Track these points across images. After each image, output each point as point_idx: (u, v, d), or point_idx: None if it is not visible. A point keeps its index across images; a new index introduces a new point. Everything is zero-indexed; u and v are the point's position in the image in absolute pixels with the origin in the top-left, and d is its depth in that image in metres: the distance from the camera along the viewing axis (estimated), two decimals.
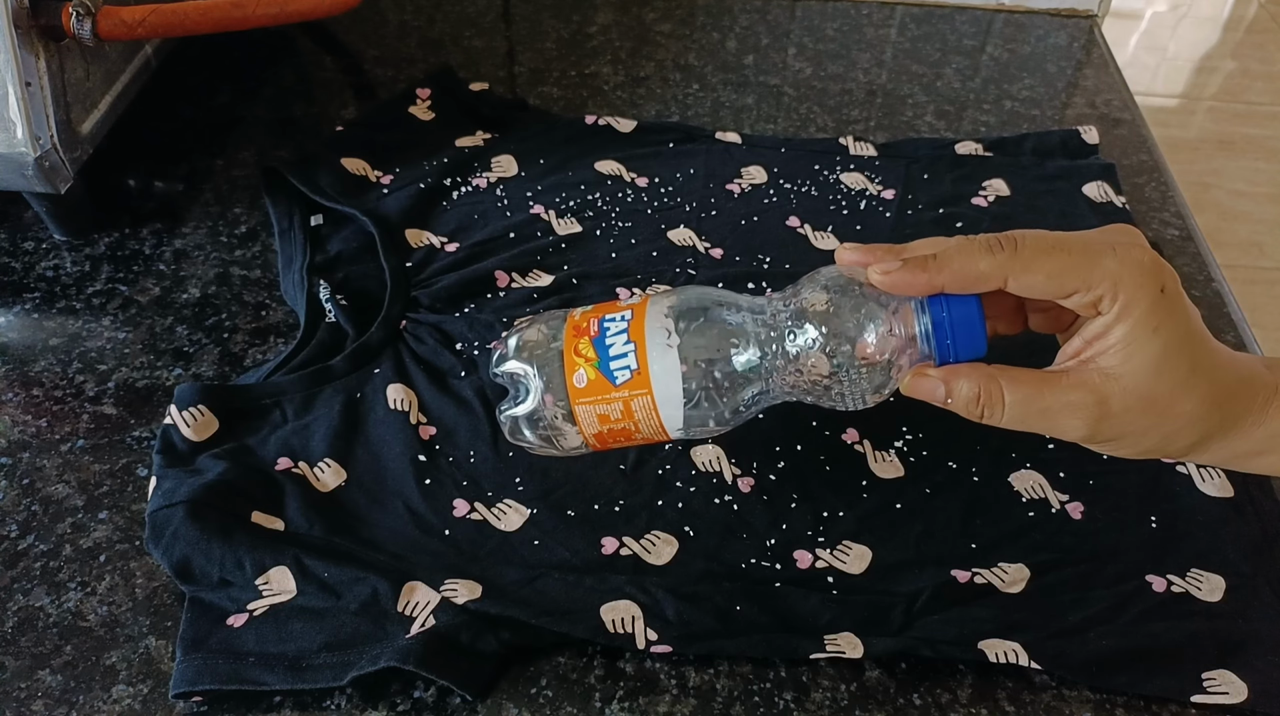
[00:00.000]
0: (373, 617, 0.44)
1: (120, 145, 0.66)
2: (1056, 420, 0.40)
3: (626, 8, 0.90)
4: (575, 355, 0.42)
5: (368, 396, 0.53)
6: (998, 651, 0.44)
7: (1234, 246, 2.06)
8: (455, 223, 0.64)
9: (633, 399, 0.41)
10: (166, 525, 0.45)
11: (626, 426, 0.42)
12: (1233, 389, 0.40)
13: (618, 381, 0.41)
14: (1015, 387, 0.40)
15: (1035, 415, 0.40)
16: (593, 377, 0.41)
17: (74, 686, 0.43)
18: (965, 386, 0.40)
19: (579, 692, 0.43)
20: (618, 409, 0.41)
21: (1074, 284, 0.38)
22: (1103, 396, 0.38)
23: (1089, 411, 0.39)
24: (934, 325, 0.39)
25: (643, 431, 0.42)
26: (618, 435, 0.43)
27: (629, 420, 0.42)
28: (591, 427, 0.42)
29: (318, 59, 0.83)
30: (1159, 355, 0.38)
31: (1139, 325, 0.38)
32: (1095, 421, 0.39)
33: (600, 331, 0.42)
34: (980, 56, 0.86)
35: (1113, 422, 0.39)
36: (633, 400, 0.41)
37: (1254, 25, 2.80)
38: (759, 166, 0.70)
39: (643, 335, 0.42)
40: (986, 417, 0.41)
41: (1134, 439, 0.40)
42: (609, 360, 0.41)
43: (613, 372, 0.41)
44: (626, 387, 0.41)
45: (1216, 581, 0.47)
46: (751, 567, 0.47)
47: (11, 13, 0.54)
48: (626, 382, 0.41)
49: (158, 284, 0.62)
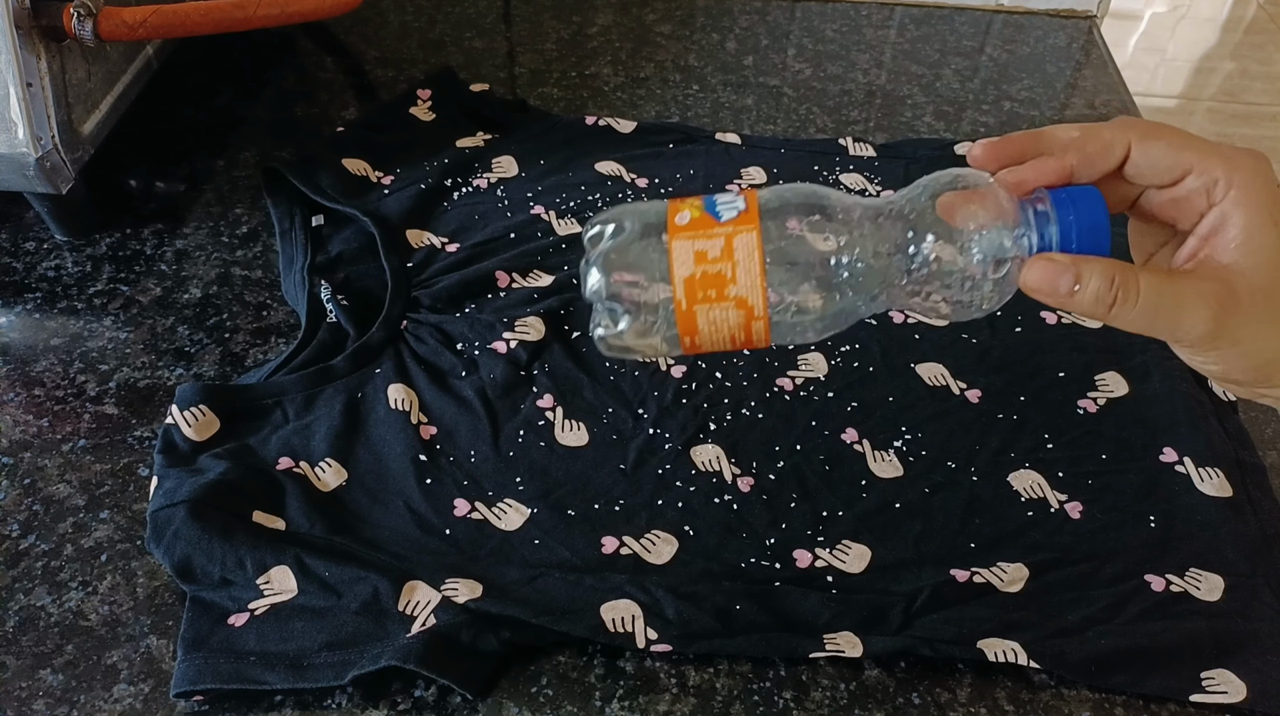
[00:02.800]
0: (374, 617, 0.44)
1: (121, 146, 0.66)
2: (1185, 314, 0.37)
3: (626, 9, 0.90)
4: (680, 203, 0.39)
5: (369, 396, 0.53)
6: (997, 650, 0.44)
7: None
8: (456, 223, 0.64)
9: (736, 235, 0.37)
10: (168, 524, 0.45)
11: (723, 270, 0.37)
12: None
13: (723, 218, 0.38)
14: (1149, 276, 0.37)
15: (1168, 305, 0.37)
16: (696, 215, 0.38)
17: (75, 685, 0.43)
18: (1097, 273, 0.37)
19: (579, 691, 0.44)
20: (718, 247, 0.37)
21: (1191, 160, 0.37)
22: (1230, 284, 0.36)
23: (1218, 299, 0.36)
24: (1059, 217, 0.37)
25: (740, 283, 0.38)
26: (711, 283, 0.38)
27: (728, 261, 0.37)
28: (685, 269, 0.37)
29: (319, 60, 0.84)
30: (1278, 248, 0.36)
31: (1256, 215, 0.36)
32: (1223, 312, 0.36)
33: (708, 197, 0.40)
34: (979, 57, 0.86)
35: (1239, 317, 0.37)
36: (736, 236, 0.37)
37: (1253, 26, 2.81)
38: (759, 167, 0.70)
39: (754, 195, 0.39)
40: (1118, 309, 0.37)
41: (1255, 344, 0.37)
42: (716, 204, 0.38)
43: (719, 211, 0.38)
44: (732, 224, 0.37)
45: (1215, 581, 0.47)
46: (751, 567, 0.47)
47: (13, 13, 0.54)
48: (732, 219, 0.38)
49: (159, 284, 0.62)
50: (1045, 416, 0.54)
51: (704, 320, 0.38)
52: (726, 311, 0.38)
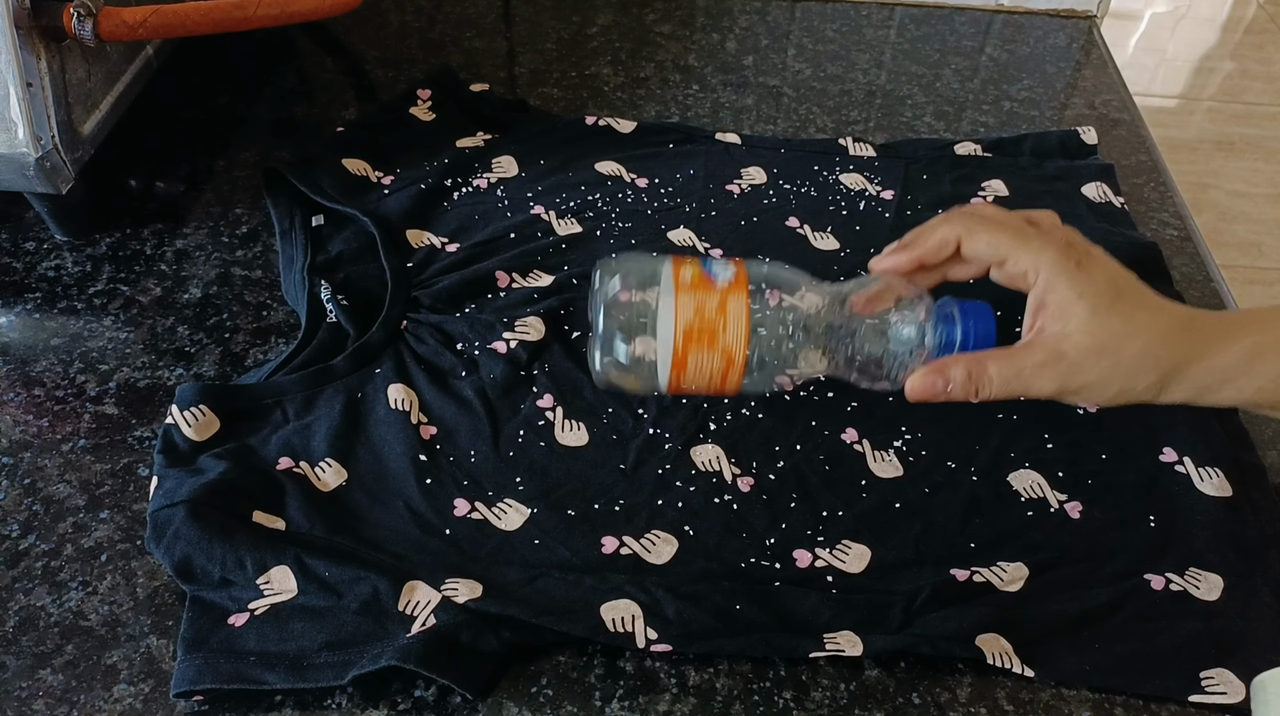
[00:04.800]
0: (374, 617, 0.44)
1: (121, 146, 0.66)
2: (1033, 380, 0.47)
3: (626, 9, 0.90)
4: (681, 261, 0.47)
5: (369, 396, 0.53)
6: (995, 651, 0.44)
7: (1233, 247, 2.06)
8: (456, 223, 0.64)
9: (730, 296, 0.46)
10: (168, 524, 0.45)
11: (716, 324, 0.46)
12: (1177, 329, 0.47)
13: (718, 279, 0.46)
14: (995, 362, 0.47)
15: (1014, 379, 0.47)
16: (696, 275, 0.46)
17: (75, 685, 0.43)
18: (958, 371, 0.47)
19: (579, 691, 0.44)
20: (714, 304, 0.46)
21: (1005, 252, 0.47)
22: (1059, 351, 0.46)
23: (1053, 365, 0.46)
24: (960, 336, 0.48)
25: (729, 336, 0.46)
26: (705, 332, 0.46)
27: (721, 317, 0.45)
28: (686, 318, 0.45)
29: (319, 60, 0.84)
30: (1089, 312, 0.46)
31: (1065, 293, 0.46)
32: (1061, 374, 0.46)
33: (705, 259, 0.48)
34: (979, 57, 0.86)
35: (1076, 372, 0.46)
36: (730, 297, 0.46)
37: (1252, 26, 2.81)
38: (758, 167, 0.70)
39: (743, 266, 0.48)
40: (983, 392, 0.47)
41: (1101, 384, 0.47)
42: (712, 267, 0.47)
43: (715, 272, 0.47)
44: (728, 285, 0.46)
45: (1215, 580, 0.47)
46: (751, 567, 0.47)
47: (13, 13, 0.54)
48: (728, 282, 0.46)
49: (159, 284, 0.62)
50: (1045, 416, 0.54)
51: (693, 363, 0.46)
52: (713, 358, 0.46)
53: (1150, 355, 0.46)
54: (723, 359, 0.46)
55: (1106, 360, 0.46)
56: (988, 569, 0.47)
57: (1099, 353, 0.46)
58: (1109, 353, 0.46)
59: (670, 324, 0.46)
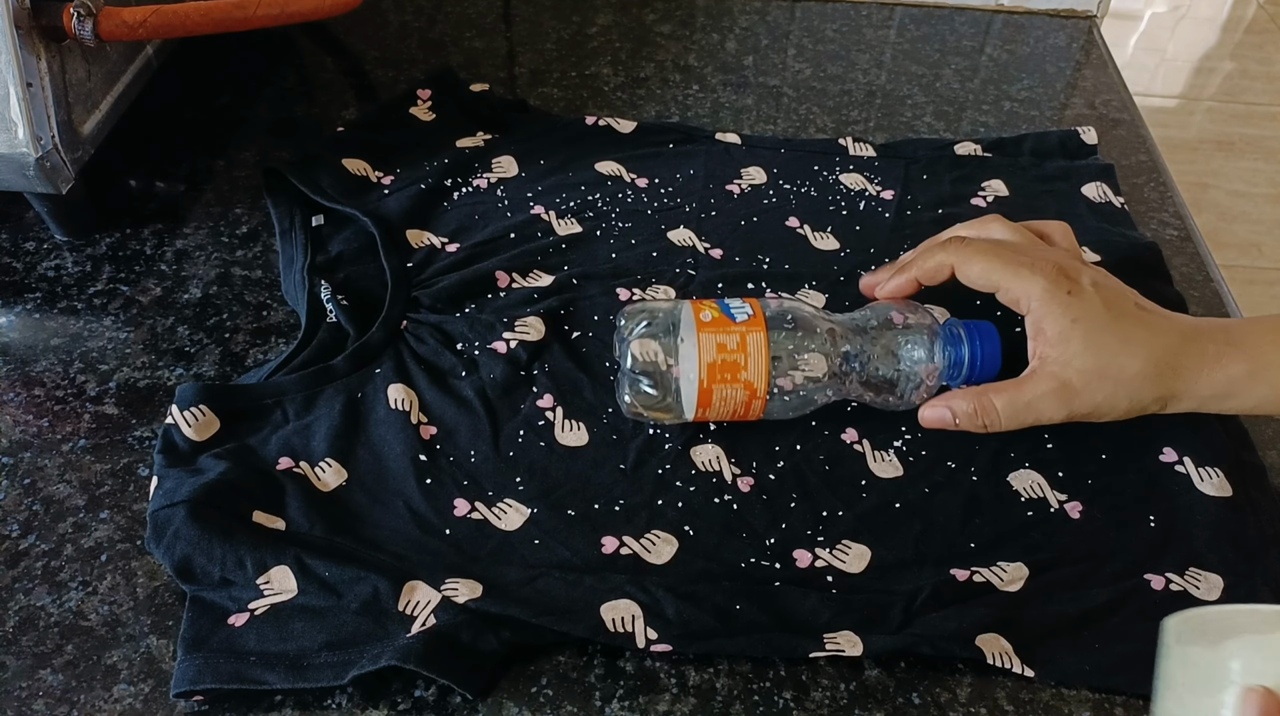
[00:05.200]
0: (374, 617, 0.44)
1: (121, 145, 0.66)
2: (1038, 411, 0.48)
3: (626, 9, 0.90)
4: (699, 304, 0.51)
5: (369, 396, 0.53)
6: (995, 651, 0.44)
7: (1233, 247, 2.06)
8: (456, 223, 0.64)
9: (749, 333, 0.49)
10: (168, 524, 0.45)
11: (738, 359, 0.49)
12: (1178, 346, 0.48)
13: (736, 319, 0.50)
14: (999, 396, 0.49)
15: (1023, 410, 0.49)
16: (716, 316, 0.50)
17: (75, 685, 0.43)
18: (963, 406, 0.49)
19: (579, 691, 0.44)
20: (735, 341, 0.49)
21: (998, 280, 0.49)
22: (1062, 380, 0.48)
23: (1058, 394, 0.48)
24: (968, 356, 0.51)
25: (749, 370, 0.49)
26: (728, 368, 0.49)
27: (742, 352, 0.49)
28: (709, 355, 0.49)
29: (319, 60, 0.84)
30: (1085, 338, 0.47)
31: (1060, 320, 0.47)
32: (1068, 400, 0.48)
33: (721, 301, 0.51)
34: (979, 57, 0.86)
35: (1081, 397, 0.48)
36: (749, 334, 0.49)
37: (1252, 26, 2.81)
38: (759, 167, 0.70)
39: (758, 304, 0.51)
40: (991, 426, 0.49)
41: (1109, 404, 0.48)
42: (730, 308, 0.50)
43: (732, 313, 0.50)
44: (745, 324, 0.49)
45: (1215, 580, 0.47)
46: (751, 567, 0.47)
47: (12, 13, 0.54)
48: (745, 321, 0.50)
49: (159, 284, 0.62)
50: None
51: (717, 396, 0.49)
52: (736, 390, 0.49)
53: (1154, 376, 0.47)
54: (745, 391, 0.49)
55: (1109, 382, 0.47)
56: (988, 569, 0.47)
57: (1101, 377, 0.47)
58: (1110, 376, 0.47)
59: (694, 360, 0.49)
